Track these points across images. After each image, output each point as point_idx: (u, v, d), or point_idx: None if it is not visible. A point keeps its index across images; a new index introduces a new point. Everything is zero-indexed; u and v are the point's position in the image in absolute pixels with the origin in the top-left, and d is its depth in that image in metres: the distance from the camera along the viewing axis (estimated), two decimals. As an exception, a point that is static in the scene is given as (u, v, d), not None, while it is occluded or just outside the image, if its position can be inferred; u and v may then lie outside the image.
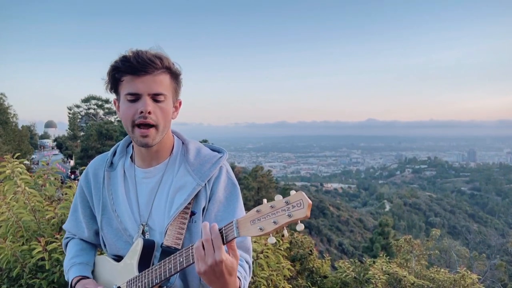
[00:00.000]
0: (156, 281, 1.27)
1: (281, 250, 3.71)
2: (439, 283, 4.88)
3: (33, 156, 46.07)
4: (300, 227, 1.03)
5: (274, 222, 1.06)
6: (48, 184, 3.32)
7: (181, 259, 1.21)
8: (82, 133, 48.88)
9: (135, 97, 1.30)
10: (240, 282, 1.25)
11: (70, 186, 3.14)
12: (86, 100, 51.70)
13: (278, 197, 1.09)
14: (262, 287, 3.26)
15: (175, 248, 1.31)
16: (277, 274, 3.64)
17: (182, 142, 1.49)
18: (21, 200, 2.94)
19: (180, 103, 1.44)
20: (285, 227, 1.08)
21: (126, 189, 1.45)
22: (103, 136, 39.39)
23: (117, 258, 1.46)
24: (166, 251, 1.32)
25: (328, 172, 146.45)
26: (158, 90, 1.31)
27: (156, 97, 1.31)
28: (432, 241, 8.32)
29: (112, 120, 47.16)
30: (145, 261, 1.35)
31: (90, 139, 39.33)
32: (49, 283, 2.63)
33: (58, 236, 2.66)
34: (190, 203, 1.36)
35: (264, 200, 1.11)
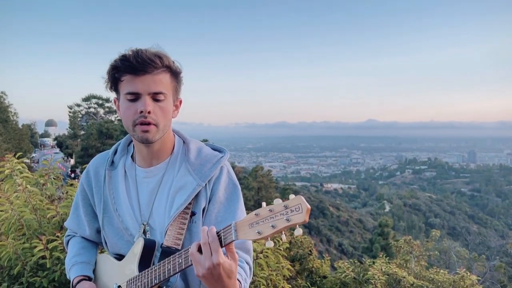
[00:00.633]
0: (156, 281, 1.26)
1: (281, 250, 3.71)
2: (439, 284, 4.88)
3: (33, 155, 46.08)
4: (298, 232, 1.02)
5: (273, 226, 1.05)
6: (49, 183, 3.32)
7: (180, 261, 1.21)
8: (83, 132, 48.77)
9: (135, 97, 1.30)
10: (240, 285, 1.24)
11: (72, 185, 3.14)
12: (87, 99, 51.56)
13: (277, 201, 1.08)
14: (262, 287, 3.27)
15: (175, 249, 1.31)
16: (277, 274, 3.64)
17: (183, 141, 1.48)
18: (23, 198, 2.95)
19: (181, 102, 1.43)
20: (284, 231, 1.07)
21: (127, 188, 1.45)
22: (104, 135, 39.34)
23: (118, 257, 1.46)
24: (166, 251, 1.31)
25: (328, 173, 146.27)
26: (158, 89, 1.30)
27: (156, 96, 1.30)
28: (432, 242, 8.29)
29: (113, 119, 46.99)
30: (146, 261, 1.35)
31: (91, 138, 39.29)
32: (50, 282, 2.64)
33: (59, 235, 2.66)
34: (191, 203, 1.35)
35: (263, 204, 1.10)
